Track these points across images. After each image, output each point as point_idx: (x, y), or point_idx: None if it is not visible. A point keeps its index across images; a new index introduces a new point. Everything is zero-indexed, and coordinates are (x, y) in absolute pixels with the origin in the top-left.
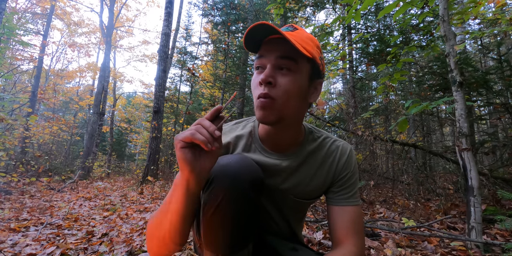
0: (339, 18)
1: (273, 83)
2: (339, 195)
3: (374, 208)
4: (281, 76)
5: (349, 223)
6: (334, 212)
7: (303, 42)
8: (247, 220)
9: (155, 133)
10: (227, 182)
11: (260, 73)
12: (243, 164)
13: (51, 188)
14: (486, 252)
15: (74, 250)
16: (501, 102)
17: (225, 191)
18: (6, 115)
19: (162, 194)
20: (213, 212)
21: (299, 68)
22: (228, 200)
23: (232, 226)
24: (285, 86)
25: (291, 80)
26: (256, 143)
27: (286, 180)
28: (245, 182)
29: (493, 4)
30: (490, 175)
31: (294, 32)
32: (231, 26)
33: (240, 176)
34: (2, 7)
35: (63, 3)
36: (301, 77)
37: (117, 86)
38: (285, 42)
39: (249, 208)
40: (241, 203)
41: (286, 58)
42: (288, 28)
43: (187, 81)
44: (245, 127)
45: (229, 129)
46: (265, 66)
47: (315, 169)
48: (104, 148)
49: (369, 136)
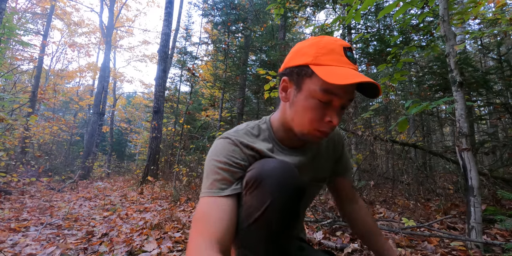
0: (339, 18)
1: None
2: (343, 168)
3: (374, 208)
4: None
5: (351, 188)
6: (340, 182)
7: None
8: (288, 227)
9: (155, 133)
10: (275, 189)
11: (324, 106)
12: (288, 171)
13: (51, 188)
14: (486, 252)
15: (74, 250)
16: (501, 102)
17: (272, 197)
18: (6, 115)
19: (162, 194)
20: (258, 217)
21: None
22: (274, 207)
23: (273, 232)
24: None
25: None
26: (277, 145)
27: (308, 172)
28: (292, 189)
29: (493, 4)
30: (490, 175)
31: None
32: (231, 26)
33: (287, 184)
34: (2, 7)
35: (63, 3)
36: None
37: (117, 86)
38: (353, 87)
39: (292, 215)
40: (286, 211)
41: (351, 100)
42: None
43: (187, 81)
44: (261, 130)
45: (249, 134)
46: (333, 105)
47: (326, 155)
48: (104, 148)
49: (369, 136)
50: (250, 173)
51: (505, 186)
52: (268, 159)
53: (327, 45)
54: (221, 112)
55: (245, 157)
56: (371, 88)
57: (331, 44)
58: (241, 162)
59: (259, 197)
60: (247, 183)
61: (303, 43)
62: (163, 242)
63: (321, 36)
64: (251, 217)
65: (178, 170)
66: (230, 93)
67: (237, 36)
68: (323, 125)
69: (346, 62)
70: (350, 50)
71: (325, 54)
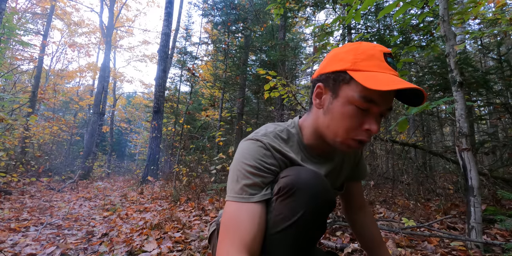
0: (339, 18)
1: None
2: (359, 173)
3: (374, 208)
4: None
5: (362, 193)
6: (354, 186)
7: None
8: (314, 239)
9: (155, 133)
10: (309, 200)
11: (363, 114)
12: (323, 183)
13: (51, 188)
14: (486, 252)
15: (74, 250)
16: (501, 102)
17: (305, 208)
18: (6, 115)
19: (162, 194)
20: (287, 226)
21: None
22: (306, 219)
23: (300, 243)
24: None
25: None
26: (306, 152)
27: (332, 178)
28: (324, 203)
29: (493, 4)
30: (490, 175)
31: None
32: (231, 26)
33: (321, 197)
34: (2, 7)
35: (63, 3)
36: None
37: (117, 86)
38: (393, 94)
39: (320, 228)
40: (316, 223)
41: (390, 109)
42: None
43: (187, 81)
44: (290, 134)
45: (278, 138)
46: (372, 112)
47: (347, 159)
48: (104, 148)
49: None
50: (285, 180)
51: (505, 186)
52: (303, 168)
53: (366, 51)
54: (221, 112)
55: (276, 162)
56: (413, 95)
57: (371, 49)
58: (272, 167)
59: (291, 207)
60: (280, 190)
61: (340, 49)
62: (163, 242)
63: (359, 42)
64: (279, 225)
65: (178, 170)
66: (230, 93)
67: (237, 36)
68: (360, 133)
69: (387, 68)
70: (390, 56)
71: (365, 59)
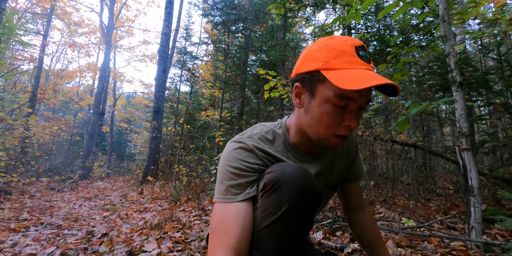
0: (339, 18)
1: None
2: (356, 174)
3: (374, 208)
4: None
5: (360, 194)
6: (351, 187)
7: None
8: (301, 233)
9: (155, 133)
10: (293, 194)
11: (341, 110)
12: (307, 177)
13: (51, 188)
14: (486, 252)
15: (74, 250)
16: (501, 102)
17: (290, 202)
18: (6, 115)
19: (162, 194)
20: (273, 221)
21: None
22: (291, 213)
23: (286, 237)
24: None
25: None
26: (293, 152)
27: (321, 180)
28: (309, 196)
29: (493, 4)
30: (490, 175)
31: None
32: (231, 26)
33: (305, 190)
34: (2, 7)
35: (63, 3)
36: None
37: (117, 86)
38: (370, 88)
39: (307, 222)
40: (302, 217)
41: (369, 101)
42: (368, 59)
43: (187, 81)
44: (276, 135)
45: (264, 139)
46: (350, 108)
47: (340, 161)
48: (104, 148)
49: (369, 136)
50: (269, 176)
51: (505, 186)
52: (288, 163)
53: (337, 47)
54: (221, 112)
55: (260, 161)
56: (389, 87)
57: (341, 45)
58: (255, 166)
59: (276, 201)
60: (265, 186)
61: (312, 46)
62: (163, 242)
63: (330, 37)
64: (266, 221)
65: (178, 170)
66: (230, 93)
67: (237, 36)
68: (341, 129)
69: (359, 62)
70: (363, 48)
71: (336, 56)
